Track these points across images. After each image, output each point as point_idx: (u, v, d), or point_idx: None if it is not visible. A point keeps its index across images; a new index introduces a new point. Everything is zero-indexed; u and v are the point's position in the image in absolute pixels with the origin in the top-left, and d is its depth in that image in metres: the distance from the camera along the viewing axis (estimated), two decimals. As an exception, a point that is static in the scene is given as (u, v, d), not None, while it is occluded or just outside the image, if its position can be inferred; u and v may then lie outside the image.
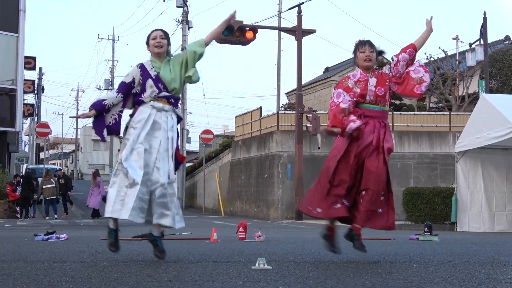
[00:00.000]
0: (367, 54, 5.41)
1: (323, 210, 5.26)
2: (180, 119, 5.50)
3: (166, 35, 5.47)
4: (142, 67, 5.38)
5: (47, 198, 22.60)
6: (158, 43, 5.37)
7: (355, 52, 5.52)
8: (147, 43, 5.45)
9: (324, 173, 5.34)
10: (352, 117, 5.23)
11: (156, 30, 5.49)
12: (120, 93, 5.33)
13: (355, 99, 5.33)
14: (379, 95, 5.36)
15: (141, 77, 5.34)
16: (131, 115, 5.35)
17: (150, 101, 5.28)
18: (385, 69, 5.52)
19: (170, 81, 5.35)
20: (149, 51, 5.47)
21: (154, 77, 5.33)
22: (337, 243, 5.52)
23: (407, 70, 5.47)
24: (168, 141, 5.27)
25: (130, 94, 5.36)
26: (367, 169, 5.23)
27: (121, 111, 5.37)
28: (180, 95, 5.54)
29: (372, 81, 5.39)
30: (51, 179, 23.05)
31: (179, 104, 5.53)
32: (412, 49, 5.49)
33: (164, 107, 5.31)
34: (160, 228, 5.32)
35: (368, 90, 5.35)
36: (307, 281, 4.05)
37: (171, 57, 5.53)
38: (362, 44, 5.49)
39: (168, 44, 5.48)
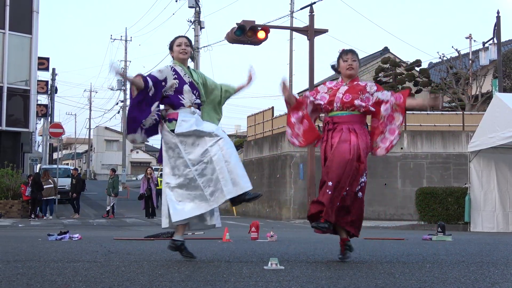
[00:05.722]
0: (349, 63, 5.50)
1: None
2: None
3: (190, 42, 5.53)
4: (175, 70, 5.39)
5: (45, 198, 22.88)
6: (183, 50, 5.42)
7: (338, 61, 5.60)
8: (171, 48, 5.48)
9: None
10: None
11: (181, 36, 5.53)
12: (151, 82, 5.20)
13: (315, 99, 5.55)
14: (346, 101, 5.39)
15: (176, 81, 5.33)
16: (169, 120, 5.29)
17: (190, 106, 5.33)
18: (363, 83, 5.55)
19: (202, 91, 5.48)
20: (172, 56, 5.50)
21: (189, 83, 5.38)
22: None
23: (386, 121, 5.45)
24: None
25: (160, 92, 5.30)
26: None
27: (159, 111, 5.32)
28: None
29: (343, 89, 5.47)
30: (49, 179, 23.37)
31: None
32: (400, 105, 5.43)
33: (197, 111, 5.41)
34: None
35: (335, 97, 5.44)
36: (319, 281, 4.05)
37: (197, 71, 5.66)
38: (345, 53, 5.57)
39: (192, 50, 5.56)
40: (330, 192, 5.15)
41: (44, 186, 22.78)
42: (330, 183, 5.18)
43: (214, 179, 5.13)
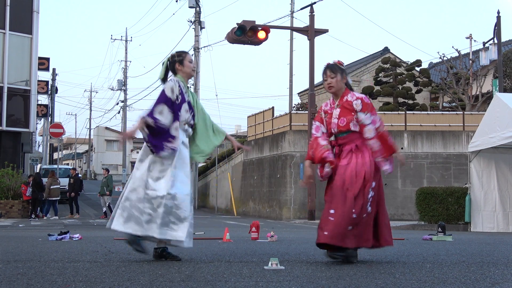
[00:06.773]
0: (328, 82, 5.35)
1: None
2: None
3: None
4: (180, 86, 5.28)
5: (53, 199, 22.99)
6: (195, 67, 5.51)
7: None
8: (182, 62, 5.34)
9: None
10: (329, 154, 5.21)
11: (189, 54, 5.53)
12: (172, 114, 5.17)
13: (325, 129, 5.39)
14: (342, 126, 5.26)
15: (180, 96, 5.24)
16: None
17: (184, 125, 5.27)
18: (352, 97, 5.31)
19: (196, 114, 5.43)
20: (179, 69, 5.35)
21: (188, 102, 5.32)
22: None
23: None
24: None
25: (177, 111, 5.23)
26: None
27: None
28: None
29: (336, 112, 5.33)
30: (57, 180, 23.46)
31: None
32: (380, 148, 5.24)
33: (189, 130, 5.38)
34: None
35: (332, 124, 5.31)
36: (320, 281, 4.04)
37: (192, 92, 5.52)
38: (323, 72, 5.40)
39: None
40: (333, 219, 5.01)
41: (52, 187, 22.90)
42: (332, 211, 5.05)
43: (155, 213, 5.05)
